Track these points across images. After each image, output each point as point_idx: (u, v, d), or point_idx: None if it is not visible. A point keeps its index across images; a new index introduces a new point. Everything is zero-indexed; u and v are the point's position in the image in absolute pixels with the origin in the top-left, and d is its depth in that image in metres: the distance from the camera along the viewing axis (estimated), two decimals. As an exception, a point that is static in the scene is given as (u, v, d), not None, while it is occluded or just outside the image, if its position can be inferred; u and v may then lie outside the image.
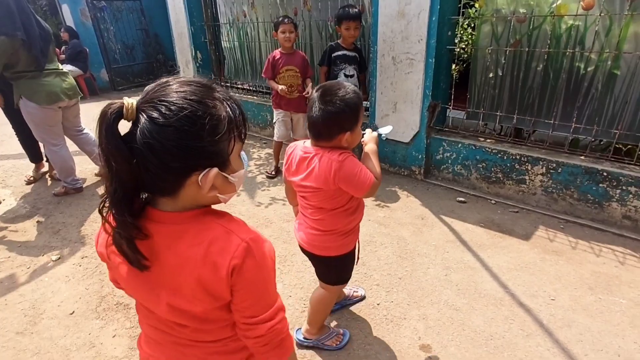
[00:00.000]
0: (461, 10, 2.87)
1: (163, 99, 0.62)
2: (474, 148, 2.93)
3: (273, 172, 3.50)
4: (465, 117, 3.09)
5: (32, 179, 3.66)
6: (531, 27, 2.60)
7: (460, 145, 3.00)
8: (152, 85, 0.67)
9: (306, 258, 1.58)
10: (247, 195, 3.18)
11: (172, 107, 0.61)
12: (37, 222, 2.94)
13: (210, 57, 5.19)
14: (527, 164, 2.70)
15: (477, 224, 2.62)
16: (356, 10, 2.96)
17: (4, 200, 3.33)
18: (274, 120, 3.40)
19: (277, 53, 3.20)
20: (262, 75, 3.33)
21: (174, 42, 5.27)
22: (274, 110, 3.37)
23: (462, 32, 3.23)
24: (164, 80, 0.66)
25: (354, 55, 3.14)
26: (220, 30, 4.99)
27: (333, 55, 3.09)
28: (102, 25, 8.11)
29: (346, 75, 3.16)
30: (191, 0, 4.78)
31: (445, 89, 3.11)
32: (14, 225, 2.90)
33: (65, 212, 3.05)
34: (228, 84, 5.14)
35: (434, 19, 2.78)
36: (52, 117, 3.02)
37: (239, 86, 5.09)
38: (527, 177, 2.73)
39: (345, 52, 3.09)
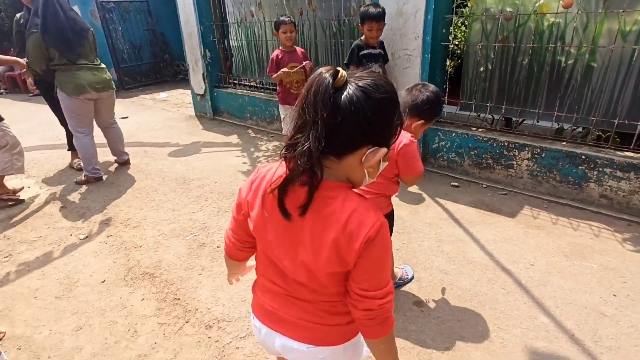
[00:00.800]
0: (454, 9, 3.11)
1: (370, 79, 0.73)
2: (466, 137, 3.17)
3: None
4: (458, 109, 3.33)
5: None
6: (517, 24, 2.84)
7: (454, 134, 3.24)
8: (359, 69, 0.83)
9: None
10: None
11: (378, 86, 0.73)
12: (62, 207, 3.19)
13: (218, 55, 5.44)
14: (514, 150, 2.94)
15: (468, 204, 2.86)
16: (379, 9, 2.91)
17: (29, 187, 3.59)
18: (283, 116, 3.58)
19: (279, 52, 3.36)
20: (268, 73, 3.49)
21: (184, 41, 5.51)
22: (281, 106, 3.53)
23: (456, 29, 3.47)
24: (369, 69, 0.82)
25: (379, 52, 3.10)
26: (228, 30, 5.24)
27: (360, 54, 3.03)
28: (111, 25, 8.37)
29: None
30: (200, 1, 5.03)
31: (440, 83, 3.35)
32: (42, 210, 3.16)
33: (88, 198, 3.30)
34: (236, 81, 5.39)
35: (429, 17, 3.02)
36: (79, 107, 3.33)
37: (246, 83, 5.34)
38: (514, 162, 2.97)
39: (370, 50, 3.04)
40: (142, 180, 3.58)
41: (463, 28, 3.49)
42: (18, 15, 3.76)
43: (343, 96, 0.71)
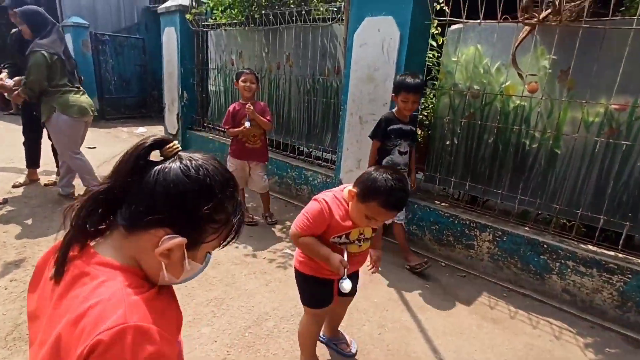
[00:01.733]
0: (425, 80, 3.09)
1: (204, 161, 0.68)
2: (428, 210, 3.01)
3: (251, 220, 3.40)
4: (422, 180, 3.21)
5: (18, 184, 3.93)
6: (483, 102, 2.80)
7: (416, 206, 3.08)
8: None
9: (244, 304, 1.60)
10: (201, 234, 3.14)
11: (206, 171, 0.67)
12: (-20, 238, 2.84)
13: (196, 98, 5.38)
14: (476, 229, 2.77)
15: (423, 285, 2.62)
16: (418, 80, 2.53)
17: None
18: (230, 170, 3.34)
19: (237, 104, 3.22)
20: (222, 125, 3.35)
21: (164, 80, 5.47)
22: (231, 158, 3.31)
23: (427, 100, 3.44)
24: (211, 155, 0.73)
25: (410, 129, 2.71)
26: (208, 74, 5.23)
27: (388, 128, 2.65)
28: (102, 57, 8.43)
29: (400, 153, 2.70)
30: (185, 44, 5.06)
31: (407, 151, 3.25)
32: (-47, 239, 2.80)
33: (9, 232, 2.96)
34: (210, 125, 5.28)
35: (398, 85, 2.98)
36: (79, 129, 3.45)
37: (220, 128, 5.22)
38: (475, 243, 2.78)
39: (401, 125, 2.66)
40: (79, 218, 3.26)
41: (434, 99, 3.47)
42: (13, 30, 3.73)
43: (158, 166, 0.66)
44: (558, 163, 2.56)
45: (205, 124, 5.33)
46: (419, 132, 3.35)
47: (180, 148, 0.69)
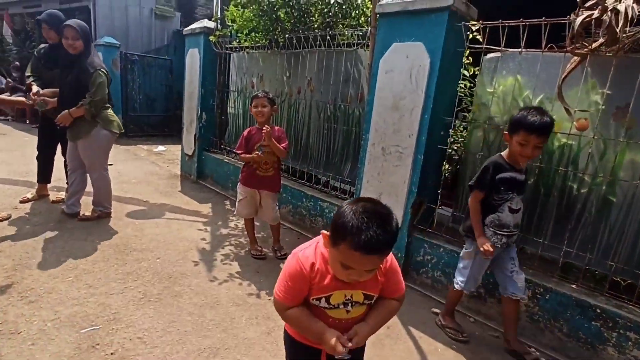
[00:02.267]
0: (456, 112, 2.83)
1: None
2: (456, 255, 2.66)
3: (260, 254, 3.13)
4: (451, 220, 2.88)
5: (26, 199, 3.84)
6: (523, 139, 2.49)
7: (442, 249, 2.75)
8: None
9: (240, 356, 1.29)
10: (203, 266, 2.89)
11: None
12: (-29, 258, 2.68)
13: (215, 119, 5.27)
14: (512, 283, 2.40)
15: (449, 344, 2.26)
16: (546, 119, 1.94)
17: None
18: (239, 198, 3.10)
19: (252, 128, 3.04)
20: (236, 150, 3.16)
21: (184, 100, 5.42)
22: (240, 186, 3.08)
23: (456, 133, 3.17)
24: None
25: (523, 180, 2.14)
26: (228, 97, 5.13)
27: (497, 177, 2.09)
28: (130, 75, 8.61)
29: (512, 210, 2.11)
30: (207, 65, 5.00)
31: (434, 188, 2.95)
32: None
33: (4, 251, 2.79)
34: (227, 148, 5.14)
35: (426, 116, 2.73)
36: (112, 143, 3.56)
37: (236, 151, 5.06)
38: (511, 299, 2.41)
39: (515, 174, 2.09)
40: (78, 241, 3.08)
41: (465, 133, 3.19)
42: (42, 45, 3.77)
43: None
44: (613, 212, 2.21)
45: (221, 146, 5.19)
46: (445, 166, 3.06)
47: None
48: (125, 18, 9.04)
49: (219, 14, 5.32)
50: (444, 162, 3.01)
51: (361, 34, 3.42)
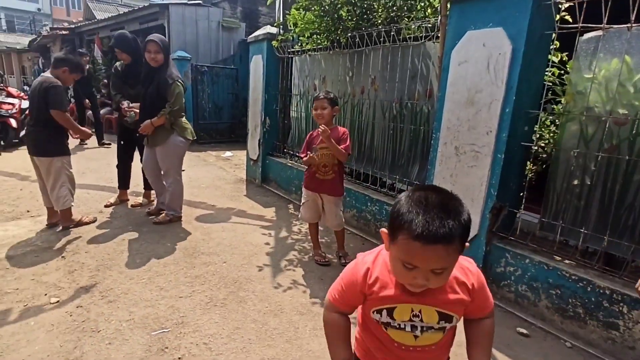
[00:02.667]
0: (542, 104, 2.48)
1: None
2: (546, 268, 2.32)
3: (323, 260, 3.05)
4: (539, 227, 2.53)
5: (109, 203, 4.17)
6: (634, 131, 2.09)
7: (528, 260, 2.41)
8: None
9: None
10: (267, 272, 2.86)
11: None
12: (62, 257, 2.93)
13: (278, 124, 5.32)
14: (621, 303, 2.01)
15: (542, 374, 1.95)
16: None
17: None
18: (303, 201, 3.04)
19: (315, 131, 2.94)
20: (300, 154, 3.10)
21: (249, 106, 5.55)
22: (304, 189, 3.02)
23: (542, 128, 2.79)
24: None
25: None
26: (291, 101, 5.14)
27: None
28: (200, 86, 9.11)
29: None
30: (270, 70, 5.06)
31: (516, 191, 2.62)
32: (40, 256, 2.92)
33: (90, 252, 3.02)
34: (291, 152, 5.15)
35: (507, 110, 2.42)
36: (186, 149, 3.71)
37: (299, 155, 5.05)
38: (620, 322, 2.02)
39: None
40: (153, 244, 3.24)
41: (553, 128, 2.80)
42: (118, 63, 4.03)
43: None
44: None
45: (284, 150, 5.22)
46: (529, 165, 2.70)
47: None
48: (196, 32, 9.60)
49: (281, 19, 5.37)
50: (528, 162, 2.66)
51: (429, 25, 3.17)
